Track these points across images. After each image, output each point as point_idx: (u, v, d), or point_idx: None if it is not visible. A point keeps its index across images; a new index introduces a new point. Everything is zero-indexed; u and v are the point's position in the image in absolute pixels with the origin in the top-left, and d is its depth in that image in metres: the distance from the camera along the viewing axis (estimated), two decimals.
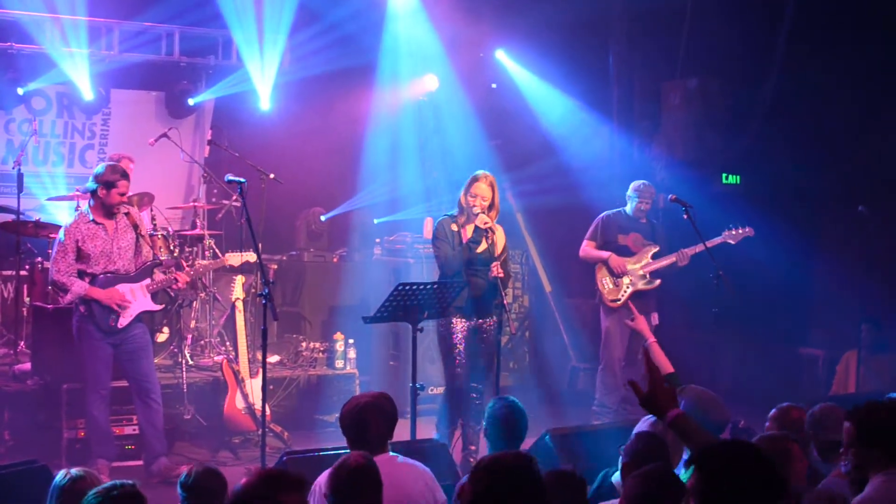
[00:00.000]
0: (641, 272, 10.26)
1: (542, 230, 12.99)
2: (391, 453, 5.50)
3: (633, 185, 10.48)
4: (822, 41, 11.76)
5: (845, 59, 11.46)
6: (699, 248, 10.05)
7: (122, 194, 8.24)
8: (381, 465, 4.87)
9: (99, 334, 8.21)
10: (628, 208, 10.47)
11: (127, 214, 8.38)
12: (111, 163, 8.69)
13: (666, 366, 7.16)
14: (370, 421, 5.43)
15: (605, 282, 10.31)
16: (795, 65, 12.07)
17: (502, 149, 13.22)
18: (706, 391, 6.04)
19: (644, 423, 5.66)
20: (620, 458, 5.22)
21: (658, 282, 10.31)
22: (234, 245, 10.47)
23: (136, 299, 8.32)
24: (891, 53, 11.44)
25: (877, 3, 11.45)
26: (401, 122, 13.28)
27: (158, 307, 8.73)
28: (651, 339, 7.45)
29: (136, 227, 8.39)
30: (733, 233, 10.16)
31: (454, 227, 8.50)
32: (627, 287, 10.23)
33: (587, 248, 10.48)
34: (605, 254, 10.30)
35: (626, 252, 10.33)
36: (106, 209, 8.25)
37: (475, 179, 8.49)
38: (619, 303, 10.22)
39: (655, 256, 10.33)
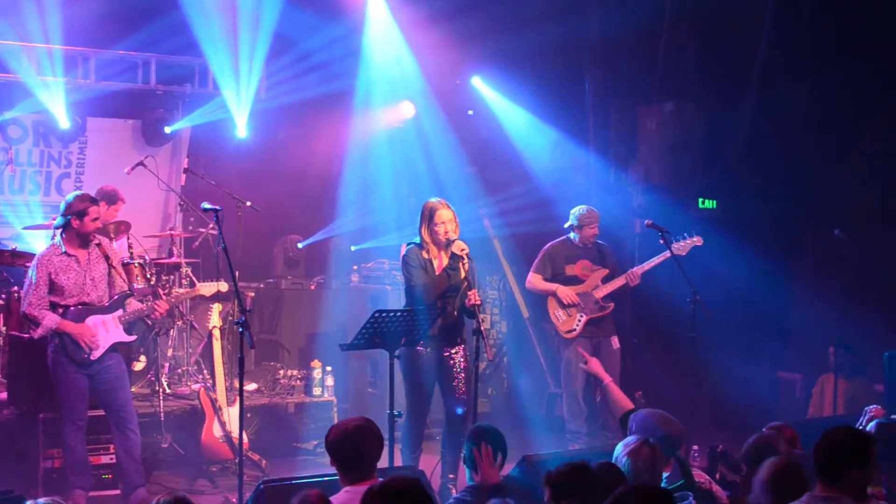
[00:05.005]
0: (594, 298, 10.10)
1: (519, 255, 12.97)
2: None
3: (575, 213, 10.18)
4: (799, 65, 11.85)
5: (821, 83, 11.53)
6: (649, 265, 10.04)
7: (96, 220, 8.21)
8: None
9: (73, 366, 8.13)
10: (574, 237, 10.21)
11: (98, 245, 8.31)
12: (78, 192, 8.58)
13: (625, 403, 7.18)
14: (365, 445, 5.39)
15: (557, 314, 10.13)
16: (771, 89, 12.13)
17: (479, 175, 13.25)
18: (655, 410, 6.09)
19: (623, 446, 5.65)
20: None
21: (612, 306, 10.13)
22: (212, 273, 10.44)
23: (109, 331, 8.24)
24: (868, 79, 11.51)
25: (854, 27, 11.53)
26: (377, 148, 13.31)
27: (131, 339, 8.58)
28: (607, 379, 7.46)
29: (107, 258, 8.33)
30: (682, 244, 9.92)
31: (425, 255, 8.43)
32: (581, 316, 10.09)
33: (534, 281, 10.27)
34: (552, 286, 10.09)
35: (575, 281, 10.13)
36: (82, 238, 8.19)
37: (435, 208, 8.39)
38: (574, 333, 10.05)
39: (605, 280, 10.13)
